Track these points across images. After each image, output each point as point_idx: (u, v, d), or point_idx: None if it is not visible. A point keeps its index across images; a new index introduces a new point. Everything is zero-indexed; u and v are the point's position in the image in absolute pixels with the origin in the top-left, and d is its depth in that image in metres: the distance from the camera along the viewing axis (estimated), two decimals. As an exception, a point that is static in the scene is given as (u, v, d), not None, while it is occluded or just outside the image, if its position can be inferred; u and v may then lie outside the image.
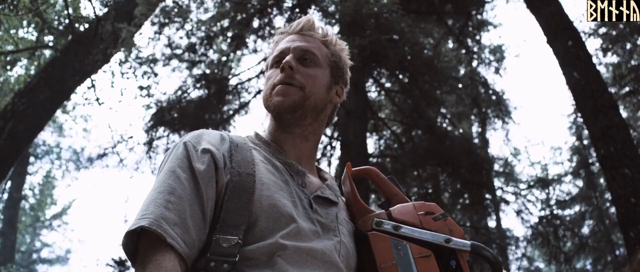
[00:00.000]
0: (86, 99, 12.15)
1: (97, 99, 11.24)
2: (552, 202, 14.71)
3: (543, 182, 13.00)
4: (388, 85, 10.84)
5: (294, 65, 1.56)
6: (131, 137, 11.13)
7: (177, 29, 10.81)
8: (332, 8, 9.42)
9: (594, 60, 10.76)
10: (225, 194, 1.34)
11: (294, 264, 1.29)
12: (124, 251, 1.28)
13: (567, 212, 15.40)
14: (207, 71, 10.58)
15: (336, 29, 8.81)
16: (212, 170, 1.37)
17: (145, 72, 10.68)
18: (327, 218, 1.47)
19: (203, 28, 10.58)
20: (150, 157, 10.88)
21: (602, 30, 11.76)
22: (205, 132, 1.50)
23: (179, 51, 10.68)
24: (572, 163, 19.07)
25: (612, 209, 15.29)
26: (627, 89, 12.07)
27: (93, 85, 11.18)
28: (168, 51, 10.70)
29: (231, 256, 1.23)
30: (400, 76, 9.65)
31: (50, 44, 11.91)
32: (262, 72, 10.72)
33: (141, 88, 10.56)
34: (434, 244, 1.42)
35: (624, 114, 13.50)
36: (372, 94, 10.90)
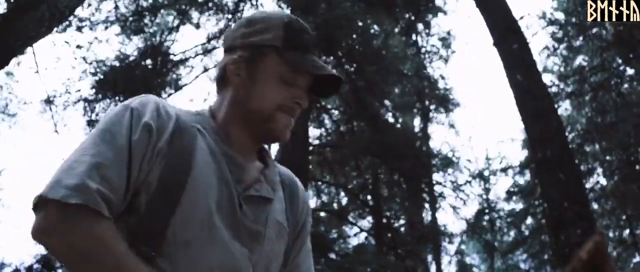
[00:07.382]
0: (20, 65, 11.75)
1: (36, 64, 10.83)
2: (492, 197, 14.92)
3: (483, 177, 13.17)
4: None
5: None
6: (69, 92, 10.75)
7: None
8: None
9: (539, 59, 10.91)
10: (152, 185, 1.28)
11: None
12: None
13: (508, 207, 15.59)
14: (150, 41, 10.43)
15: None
16: (145, 146, 1.29)
17: (90, 41, 10.44)
18: (255, 221, 1.39)
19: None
20: (89, 123, 10.62)
21: (549, 29, 11.90)
22: (151, 103, 1.39)
23: (122, 17, 10.48)
24: (521, 158, 19.36)
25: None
26: (570, 89, 12.31)
27: (33, 52, 10.78)
28: (112, 15, 10.48)
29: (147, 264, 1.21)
30: (346, 66, 9.61)
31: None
32: (207, 51, 10.60)
33: (79, 47, 10.33)
34: None
35: (567, 112, 13.77)
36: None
